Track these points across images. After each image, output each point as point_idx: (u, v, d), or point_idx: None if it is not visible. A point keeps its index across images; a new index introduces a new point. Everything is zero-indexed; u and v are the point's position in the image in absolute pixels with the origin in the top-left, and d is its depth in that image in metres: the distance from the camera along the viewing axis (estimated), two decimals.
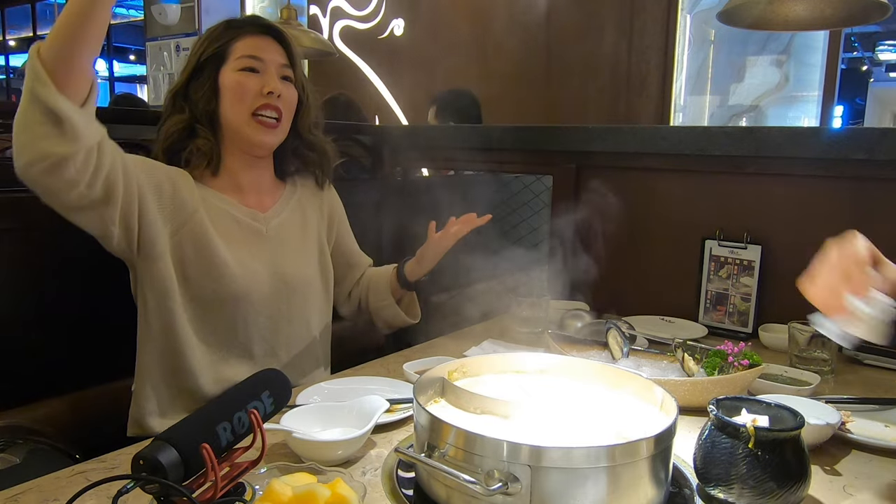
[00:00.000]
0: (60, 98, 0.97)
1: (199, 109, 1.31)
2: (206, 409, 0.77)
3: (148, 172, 1.22)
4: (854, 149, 1.52)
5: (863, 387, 1.33)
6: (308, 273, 1.43)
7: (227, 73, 1.31)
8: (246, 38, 1.33)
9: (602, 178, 1.89)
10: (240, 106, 1.30)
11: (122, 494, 0.65)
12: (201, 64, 1.32)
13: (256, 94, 1.30)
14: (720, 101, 3.84)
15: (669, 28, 3.38)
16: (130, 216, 1.17)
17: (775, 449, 0.81)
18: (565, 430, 0.85)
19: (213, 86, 1.31)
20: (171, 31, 5.54)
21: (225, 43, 1.32)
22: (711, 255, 1.76)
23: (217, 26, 1.35)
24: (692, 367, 1.24)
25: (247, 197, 1.37)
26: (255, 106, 1.30)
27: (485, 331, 1.66)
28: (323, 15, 4.64)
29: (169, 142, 1.31)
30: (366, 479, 0.90)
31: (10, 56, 8.85)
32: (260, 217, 1.37)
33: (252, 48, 1.32)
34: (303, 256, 1.43)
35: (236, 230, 1.33)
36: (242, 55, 1.31)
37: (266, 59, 1.32)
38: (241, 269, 1.29)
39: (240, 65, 1.31)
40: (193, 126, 1.31)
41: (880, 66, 7.59)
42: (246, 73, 1.31)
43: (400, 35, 4.30)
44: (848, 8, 1.56)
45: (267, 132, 1.33)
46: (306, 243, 1.45)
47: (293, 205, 1.45)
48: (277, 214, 1.40)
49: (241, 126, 1.31)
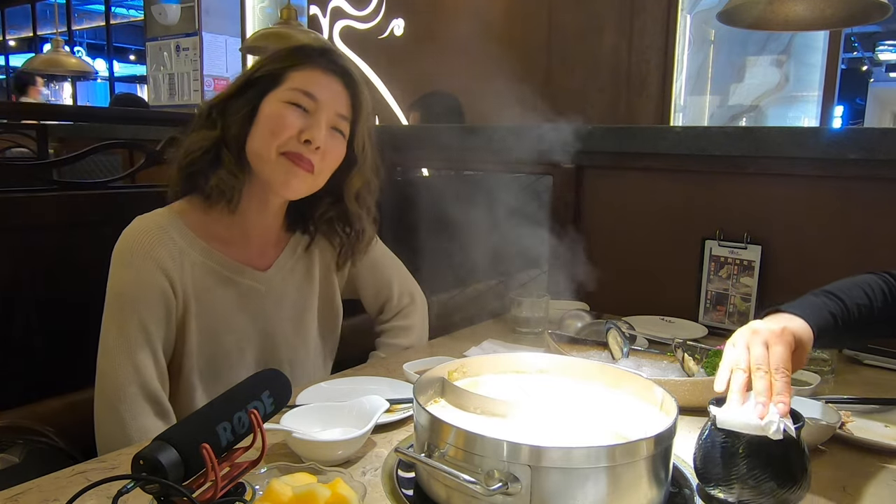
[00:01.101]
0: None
1: (230, 131, 1.17)
2: (206, 409, 0.77)
3: (147, 325, 1.13)
4: (854, 149, 1.52)
5: (863, 387, 1.33)
6: (307, 326, 1.35)
7: (272, 100, 1.16)
8: (309, 69, 1.18)
9: (602, 178, 1.89)
10: (270, 140, 1.14)
11: (122, 494, 0.65)
12: (251, 82, 1.18)
13: (292, 136, 1.14)
14: (720, 101, 3.84)
15: (669, 28, 3.37)
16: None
17: (775, 449, 0.81)
18: (565, 430, 0.85)
19: (252, 109, 1.17)
20: (171, 31, 5.54)
21: (283, 68, 1.17)
22: (711, 255, 1.76)
23: (287, 48, 1.22)
24: (692, 367, 1.24)
25: (250, 247, 1.26)
26: (286, 148, 1.15)
27: (485, 331, 1.66)
28: (323, 15, 4.64)
29: (190, 160, 1.17)
30: (366, 479, 0.90)
31: (10, 56, 8.86)
32: (260, 277, 1.26)
33: (310, 82, 1.17)
34: (303, 307, 1.34)
35: (232, 294, 1.22)
36: (296, 87, 1.16)
37: (322, 100, 1.16)
38: (234, 335, 1.23)
39: (289, 97, 1.15)
40: (219, 150, 1.17)
41: (880, 66, 7.59)
42: (292, 108, 1.15)
43: (400, 35, 4.30)
44: (848, 8, 1.56)
45: (301, 175, 1.16)
46: (310, 293, 1.35)
47: (299, 254, 1.32)
48: (279, 270, 1.29)
49: (265, 162, 1.16)
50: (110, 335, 1.13)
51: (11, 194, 1.35)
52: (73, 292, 1.38)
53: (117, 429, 1.10)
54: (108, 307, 1.14)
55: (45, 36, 7.41)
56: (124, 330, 1.12)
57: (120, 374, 1.11)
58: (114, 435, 1.11)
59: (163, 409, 1.15)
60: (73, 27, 7.45)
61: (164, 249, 1.15)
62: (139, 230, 1.16)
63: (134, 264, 1.13)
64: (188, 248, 1.18)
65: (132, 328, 1.12)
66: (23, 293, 1.33)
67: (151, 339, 1.14)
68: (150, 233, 1.15)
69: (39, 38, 7.56)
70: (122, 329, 1.12)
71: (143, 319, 1.13)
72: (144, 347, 1.13)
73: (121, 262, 1.14)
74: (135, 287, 1.13)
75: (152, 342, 1.14)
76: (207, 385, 1.22)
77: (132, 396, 1.11)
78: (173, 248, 1.16)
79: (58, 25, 6.64)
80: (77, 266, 1.38)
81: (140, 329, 1.13)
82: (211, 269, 1.20)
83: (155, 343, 1.14)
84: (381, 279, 1.49)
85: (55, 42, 5.10)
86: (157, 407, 1.14)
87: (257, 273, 1.26)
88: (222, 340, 1.22)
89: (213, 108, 1.19)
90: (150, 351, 1.13)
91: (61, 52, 5.06)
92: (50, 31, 7.14)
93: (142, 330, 1.13)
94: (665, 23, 3.38)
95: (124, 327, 1.12)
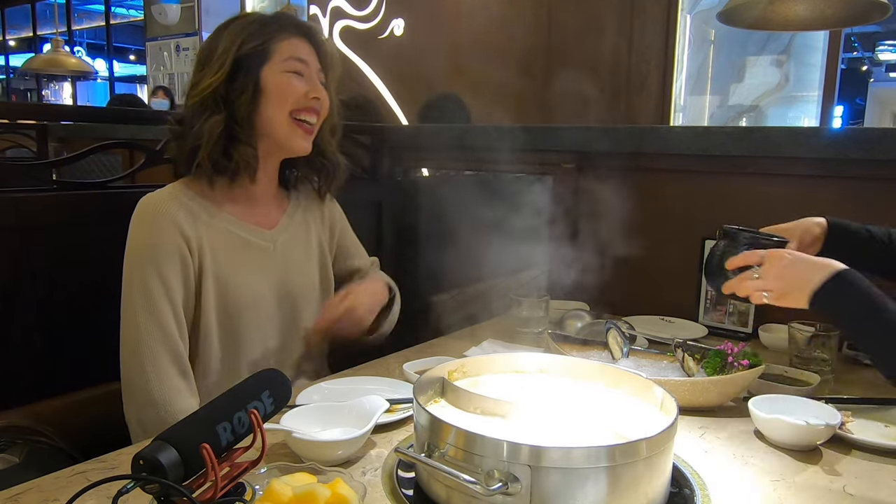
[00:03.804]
0: None
1: (240, 110, 1.27)
2: (206, 409, 0.77)
3: (169, 282, 1.21)
4: (853, 149, 1.52)
5: (863, 387, 1.33)
6: (310, 284, 1.44)
7: (271, 72, 1.28)
8: (289, 38, 1.30)
9: (602, 178, 1.89)
10: (283, 106, 1.28)
11: (122, 494, 0.65)
12: (239, 62, 1.27)
13: (301, 97, 1.29)
14: (720, 101, 3.85)
15: (669, 28, 3.38)
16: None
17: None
18: (565, 430, 0.86)
19: (255, 85, 1.27)
20: (171, 31, 5.55)
21: (266, 41, 1.28)
22: None
23: (249, 22, 1.30)
24: (692, 367, 1.24)
25: (257, 208, 1.37)
26: (297, 108, 1.29)
27: (485, 331, 1.66)
28: (323, 15, 4.64)
29: (212, 147, 1.25)
30: (366, 479, 0.90)
31: (10, 56, 8.86)
32: (267, 235, 1.36)
33: (296, 49, 1.30)
34: (306, 268, 1.44)
35: (244, 252, 1.32)
36: (290, 57, 1.29)
37: (309, 61, 1.32)
38: (249, 290, 1.30)
39: (287, 67, 1.29)
40: (232, 129, 1.27)
41: (880, 66, 7.59)
42: (292, 75, 1.29)
43: (400, 35, 4.30)
44: (848, 8, 1.56)
45: (305, 136, 1.32)
46: (309, 255, 1.45)
47: (298, 218, 1.45)
48: (284, 230, 1.40)
49: (278, 128, 1.29)
50: (133, 292, 1.19)
51: (11, 194, 1.34)
52: (73, 292, 1.38)
53: (142, 385, 1.17)
54: (128, 267, 1.21)
55: (45, 36, 7.42)
56: (146, 285, 1.18)
57: (142, 331, 1.17)
58: (139, 389, 1.17)
59: (184, 369, 1.21)
60: (73, 27, 7.46)
61: (179, 211, 1.24)
62: (154, 197, 1.25)
63: (152, 224, 1.22)
64: (201, 212, 1.27)
65: (154, 283, 1.19)
66: (23, 293, 1.33)
67: (172, 296, 1.20)
68: (164, 199, 1.25)
69: (39, 38, 7.57)
70: (144, 285, 1.19)
71: (163, 274, 1.20)
72: (166, 303, 1.20)
73: (139, 223, 1.22)
74: (154, 246, 1.21)
75: (173, 298, 1.21)
76: (225, 344, 1.29)
77: (157, 354, 1.18)
78: (187, 212, 1.25)
79: (58, 25, 6.65)
80: (77, 266, 1.38)
81: (161, 283, 1.19)
82: (223, 230, 1.30)
83: (175, 299, 1.21)
84: (355, 241, 1.62)
85: (55, 42, 5.10)
86: (179, 365, 1.20)
87: (265, 232, 1.36)
88: (237, 297, 1.29)
89: (214, 94, 1.26)
90: (171, 307, 1.20)
91: (61, 52, 5.06)
92: (50, 31, 7.15)
93: (162, 284, 1.19)
94: (665, 23, 3.38)
95: (146, 282, 1.19)
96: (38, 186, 1.43)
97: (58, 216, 1.33)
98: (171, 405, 1.16)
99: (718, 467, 0.97)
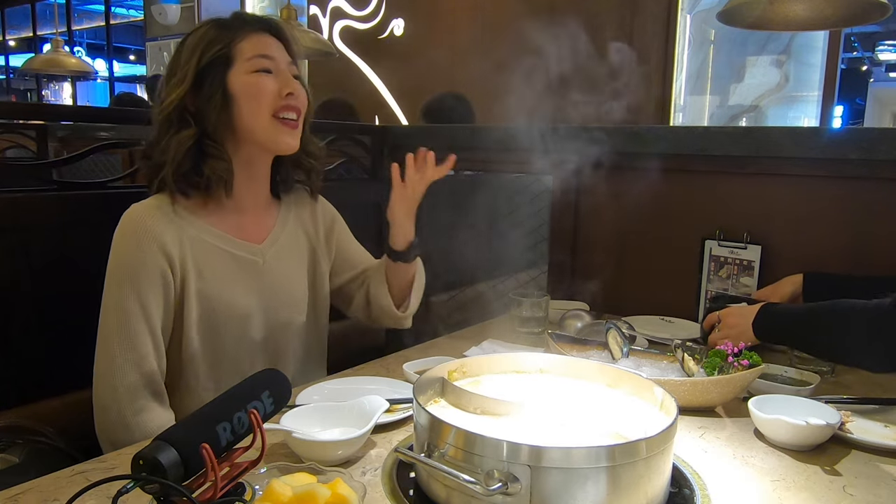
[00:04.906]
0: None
1: (209, 121, 1.21)
2: (205, 408, 0.77)
3: (146, 299, 1.17)
4: (853, 149, 1.52)
5: (863, 387, 1.33)
6: (300, 295, 1.39)
7: (237, 76, 1.22)
8: (250, 36, 1.24)
9: (602, 178, 1.89)
10: (258, 109, 1.22)
11: (122, 494, 0.65)
12: (202, 71, 1.21)
13: (275, 96, 1.23)
14: (720, 101, 3.84)
15: (669, 28, 3.37)
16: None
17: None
18: (565, 430, 0.86)
19: (223, 93, 1.21)
20: (171, 31, 5.55)
21: (227, 45, 1.22)
22: (711, 255, 1.76)
23: (205, 29, 1.25)
24: (692, 367, 1.24)
25: (245, 219, 1.31)
26: (276, 107, 1.23)
27: (485, 331, 1.66)
28: (323, 15, 4.64)
29: (178, 163, 1.20)
30: (366, 479, 0.90)
31: (10, 56, 8.86)
32: (256, 250, 1.31)
33: (261, 47, 1.24)
34: (296, 279, 1.39)
35: (232, 267, 1.27)
36: (253, 56, 1.22)
37: (276, 56, 1.25)
38: (236, 306, 1.27)
39: (252, 66, 1.22)
40: (202, 143, 1.21)
41: (880, 66, 7.58)
42: (260, 75, 1.22)
43: (400, 35, 4.30)
44: (848, 8, 1.56)
45: (291, 133, 1.26)
46: (301, 264, 1.41)
47: (290, 227, 1.39)
48: (274, 241, 1.35)
49: (262, 130, 1.23)
50: (109, 313, 1.16)
51: (11, 194, 1.34)
52: (72, 292, 1.38)
53: (114, 406, 1.14)
54: (108, 285, 1.17)
55: (44, 36, 7.41)
56: (123, 307, 1.15)
57: (117, 355, 1.14)
58: (111, 411, 1.14)
59: (158, 390, 1.18)
60: (72, 27, 7.45)
61: (162, 226, 1.19)
62: (139, 210, 1.20)
63: (134, 242, 1.17)
64: (186, 226, 1.23)
65: (131, 306, 1.15)
66: (22, 293, 1.33)
67: (150, 318, 1.17)
68: (148, 212, 1.20)
69: (39, 38, 7.56)
70: (120, 306, 1.15)
71: (141, 296, 1.16)
72: (143, 325, 1.16)
73: (122, 238, 1.19)
74: (132, 265, 1.17)
75: (151, 321, 1.17)
76: (211, 362, 1.26)
77: (128, 375, 1.14)
78: (171, 226, 1.21)
79: (58, 25, 6.64)
80: (77, 266, 1.38)
81: (139, 306, 1.16)
82: (209, 245, 1.25)
83: (153, 321, 1.18)
84: (359, 247, 1.57)
85: (55, 42, 5.09)
86: (152, 387, 1.17)
87: (254, 246, 1.31)
88: (222, 313, 1.25)
89: (177, 110, 1.21)
90: (147, 329, 1.17)
91: (61, 52, 5.05)
92: (50, 31, 7.14)
93: (140, 307, 1.16)
94: (665, 23, 3.38)
95: (123, 304, 1.15)
96: (38, 186, 1.43)
97: (58, 216, 1.33)
98: (144, 426, 1.13)
99: (718, 467, 0.97)
